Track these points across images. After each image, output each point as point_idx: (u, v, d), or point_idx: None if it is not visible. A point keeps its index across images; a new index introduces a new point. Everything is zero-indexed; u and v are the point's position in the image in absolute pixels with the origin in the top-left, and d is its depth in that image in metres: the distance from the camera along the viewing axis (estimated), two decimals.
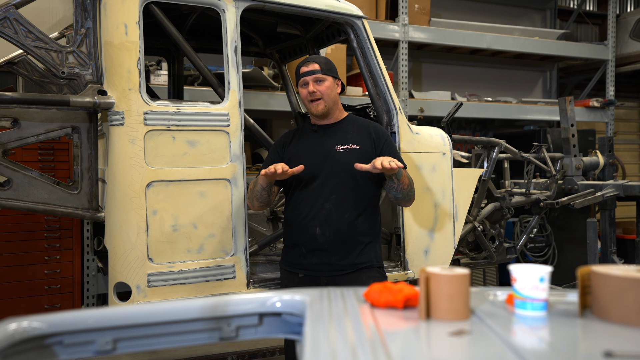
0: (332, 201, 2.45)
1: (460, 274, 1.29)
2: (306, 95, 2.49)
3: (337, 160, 2.46)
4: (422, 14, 5.97)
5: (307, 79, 2.47)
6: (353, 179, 2.45)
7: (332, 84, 2.51)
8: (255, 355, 3.69)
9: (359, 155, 2.45)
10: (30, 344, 1.31)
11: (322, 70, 2.47)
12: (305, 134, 2.60)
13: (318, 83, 2.47)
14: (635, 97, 8.69)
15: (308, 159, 2.47)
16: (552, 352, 1.10)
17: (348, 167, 2.42)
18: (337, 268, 2.45)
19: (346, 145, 2.48)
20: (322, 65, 2.48)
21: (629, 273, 1.25)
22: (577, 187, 4.67)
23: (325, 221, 2.44)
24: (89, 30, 2.51)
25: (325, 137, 2.53)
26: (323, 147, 2.50)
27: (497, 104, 6.56)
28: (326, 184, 2.46)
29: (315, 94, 2.47)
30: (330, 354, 1.06)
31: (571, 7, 8.13)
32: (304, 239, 2.48)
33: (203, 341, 1.46)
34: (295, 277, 2.53)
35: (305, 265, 2.49)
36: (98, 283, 4.00)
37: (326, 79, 2.48)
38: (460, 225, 3.27)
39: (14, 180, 2.45)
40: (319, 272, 2.47)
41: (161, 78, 4.64)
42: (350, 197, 2.46)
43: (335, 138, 2.51)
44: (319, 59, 2.53)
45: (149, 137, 2.48)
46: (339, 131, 2.53)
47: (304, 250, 2.48)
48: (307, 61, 2.51)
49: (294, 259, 2.52)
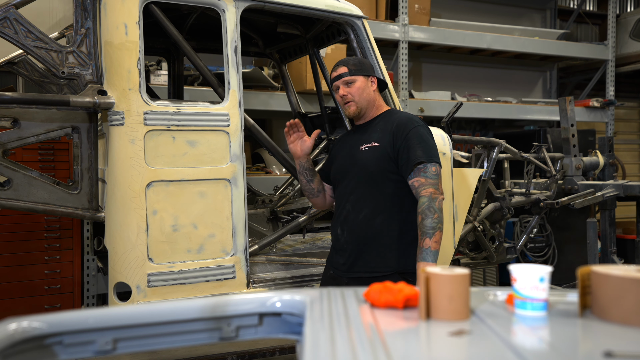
0: (352, 201, 2.43)
1: (460, 274, 1.29)
2: (339, 99, 2.48)
3: (358, 160, 2.44)
4: (422, 14, 5.97)
5: (337, 84, 2.46)
6: (370, 178, 2.40)
7: (364, 83, 2.45)
8: (255, 355, 3.68)
9: (377, 153, 2.39)
10: (30, 344, 1.31)
11: (349, 72, 2.43)
12: (347, 135, 2.64)
13: (348, 85, 2.44)
14: (635, 97, 8.69)
15: (340, 160, 2.52)
16: (552, 352, 1.10)
17: (366, 165, 2.40)
18: (353, 269, 2.43)
19: (368, 144, 2.43)
20: (350, 67, 2.44)
21: (629, 273, 1.25)
22: (577, 187, 4.67)
23: (345, 221, 2.44)
24: (89, 30, 2.51)
25: (357, 137, 2.52)
26: (353, 147, 2.49)
27: (497, 104, 6.57)
28: (349, 184, 2.45)
29: (346, 97, 2.44)
30: (330, 354, 1.06)
31: (571, 7, 8.13)
32: (332, 237, 2.55)
33: (203, 341, 1.46)
34: (328, 272, 2.58)
35: (333, 264, 2.54)
36: (98, 283, 4.00)
37: (356, 80, 2.44)
38: (460, 225, 3.27)
39: (14, 180, 2.45)
40: (341, 271, 2.48)
41: (161, 78, 4.63)
42: (367, 197, 2.40)
43: (364, 137, 2.48)
44: (347, 60, 2.49)
45: (149, 137, 2.48)
46: (369, 130, 2.49)
47: (333, 249, 2.55)
48: (336, 65, 2.49)
49: (330, 255, 2.59)
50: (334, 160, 2.59)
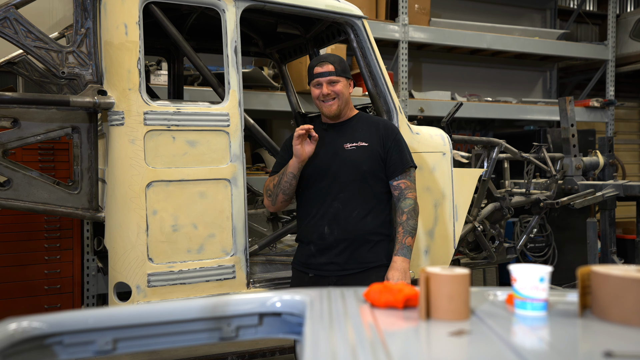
0: (341, 199, 2.44)
1: (460, 274, 1.29)
2: (318, 95, 2.47)
3: (346, 158, 2.45)
4: (422, 14, 5.97)
5: (321, 80, 2.45)
6: (361, 177, 2.44)
7: (346, 84, 2.49)
8: (255, 355, 3.68)
9: (367, 153, 2.45)
10: (30, 344, 1.31)
11: (336, 72, 2.45)
12: (316, 133, 2.60)
13: (332, 84, 2.45)
14: (635, 97, 8.69)
15: (318, 158, 2.47)
16: (552, 352, 1.10)
17: (356, 164, 2.43)
18: (346, 267, 2.44)
19: (355, 143, 2.47)
20: (337, 66, 2.46)
21: (629, 273, 1.25)
22: (577, 187, 4.67)
23: (334, 220, 2.43)
24: (89, 30, 2.51)
25: (335, 136, 2.52)
26: (332, 145, 2.49)
27: (497, 104, 6.57)
28: (335, 182, 2.45)
29: (329, 95, 2.45)
30: (330, 354, 1.06)
31: (571, 7, 8.13)
32: (313, 237, 2.48)
33: (203, 341, 1.46)
34: (306, 276, 2.52)
35: (314, 265, 2.49)
36: (98, 283, 4.00)
37: (340, 80, 2.46)
38: (460, 225, 3.27)
39: (14, 180, 2.45)
40: (327, 271, 2.46)
41: (161, 78, 4.63)
42: (358, 195, 2.44)
43: (345, 136, 2.50)
44: (333, 58, 2.50)
45: (149, 137, 2.48)
46: (348, 129, 2.52)
47: (313, 250, 2.48)
48: (322, 61, 2.48)
49: (305, 258, 2.52)
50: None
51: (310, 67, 2.52)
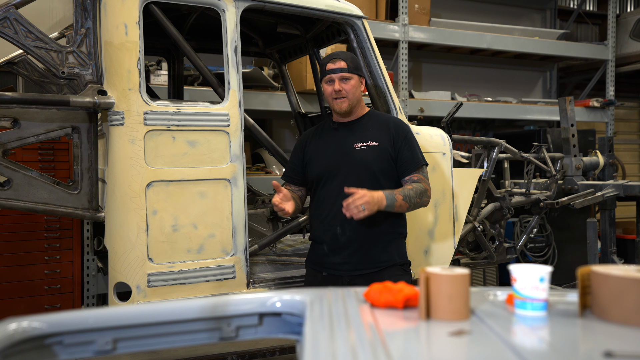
0: None
1: (460, 274, 1.29)
2: (331, 92, 2.46)
3: (356, 158, 2.45)
4: (422, 14, 5.97)
5: (333, 77, 2.44)
6: (372, 176, 2.44)
7: (357, 82, 2.48)
8: (255, 355, 3.68)
9: (378, 152, 2.45)
10: (30, 344, 1.31)
11: (348, 69, 2.44)
12: (326, 132, 2.59)
13: (344, 81, 2.44)
14: (635, 97, 8.69)
15: (328, 158, 2.48)
16: (552, 352, 1.10)
17: (367, 164, 2.43)
18: (359, 267, 2.44)
19: (365, 143, 2.46)
20: (349, 63, 2.45)
21: (629, 273, 1.25)
22: (577, 187, 4.67)
23: (346, 220, 2.40)
24: (89, 30, 2.51)
25: (345, 135, 2.51)
26: (343, 145, 2.49)
27: (497, 104, 6.56)
28: (346, 182, 2.42)
29: (341, 92, 2.44)
30: (330, 354, 1.06)
31: (571, 7, 8.13)
32: (326, 237, 2.48)
33: (203, 341, 1.46)
34: (319, 275, 2.52)
35: (328, 264, 2.49)
36: (98, 283, 4.00)
37: (352, 78, 2.45)
38: (460, 225, 3.27)
39: (14, 180, 2.45)
40: (340, 271, 2.46)
41: (161, 78, 4.63)
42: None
43: (355, 135, 2.49)
44: (346, 55, 2.49)
45: (149, 137, 2.48)
46: (359, 128, 2.51)
47: (326, 249, 2.48)
48: (334, 58, 2.47)
49: (318, 257, 2.53)
50: (315, 157, 2.54)
51: (323, 63, 2.50)
